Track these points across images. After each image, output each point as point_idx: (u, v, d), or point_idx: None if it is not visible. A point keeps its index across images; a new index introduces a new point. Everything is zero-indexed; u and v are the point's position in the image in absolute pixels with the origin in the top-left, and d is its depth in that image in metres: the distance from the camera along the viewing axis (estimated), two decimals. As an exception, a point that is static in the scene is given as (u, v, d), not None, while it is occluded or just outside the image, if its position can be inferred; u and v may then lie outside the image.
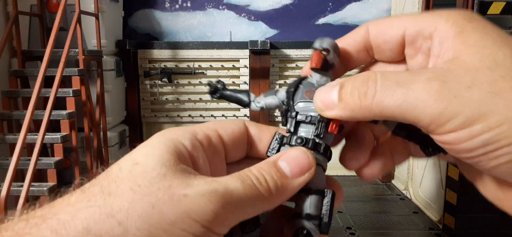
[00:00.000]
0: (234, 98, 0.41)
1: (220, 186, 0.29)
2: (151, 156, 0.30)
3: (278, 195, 0.32)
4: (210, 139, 0.35)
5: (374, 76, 0.31)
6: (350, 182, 4.18)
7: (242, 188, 0.30)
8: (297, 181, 0.33)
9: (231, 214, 0.30)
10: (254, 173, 0.32)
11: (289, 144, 0.36)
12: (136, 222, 0.27)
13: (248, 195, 0.30)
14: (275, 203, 0.32)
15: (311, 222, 0.34)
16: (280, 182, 0.32)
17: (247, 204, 0.30)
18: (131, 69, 4.28)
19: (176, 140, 0.32)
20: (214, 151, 0.35)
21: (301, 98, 0.37)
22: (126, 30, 4.42)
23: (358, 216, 3.38)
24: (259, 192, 0.31)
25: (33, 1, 3.59)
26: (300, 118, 0.36)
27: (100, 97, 3.55)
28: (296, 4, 4.47)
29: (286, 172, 0.33)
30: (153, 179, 0.29)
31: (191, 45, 4.33)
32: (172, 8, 4.48)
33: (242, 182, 0.31)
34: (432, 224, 3.23)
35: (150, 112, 4.50)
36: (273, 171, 0.32)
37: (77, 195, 0.29)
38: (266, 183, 0.31)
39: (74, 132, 3.11)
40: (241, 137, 0.37)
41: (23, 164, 2.73)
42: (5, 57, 3.36)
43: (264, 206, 0.32)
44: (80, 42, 3.20)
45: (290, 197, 0.34)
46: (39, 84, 2.73)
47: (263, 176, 0.32)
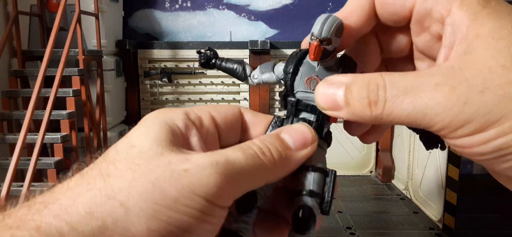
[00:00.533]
0: (229, 70, 0.39)
1: (220, 158, 0.29)
2: (145, 136, 0.30)
3: (282, 166, 0.32)
4: (202, 120, 0.34)
5: (382, 83, 0.30)
6: (350, 182, 4.18)
7: (244, 158, 0.30)
8: (301, 153, 0.33)
9: (234, 185, 0.29)
10: (256, 144, 0.31)
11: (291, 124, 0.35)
12: (138, 202, 0.27)
13: (250, 165, 0.30)
14: (279, 174, 0.32)
15: (313, 199, 0.33)
16: (284, 152, 0.32)
17: (251, 175, 0.30)
18: (131, 69, 4.28)
19: (170, 120, 0.32)
20: (207, 132, 0.34)
21: (301, 87, 0.36)
22: (126, 30, 4.42)
23: (358, 216, 3.38)
24: (263, 162, 0.30)
25: (33, 1, 3.59)
26: (300, 107, 0.36)
27: (100, 97, 3.55)
28: (296, 4, 4.47)
29: (290, 143, 0.32)
30: (151, 157, 0.28)
31: (191, 45, 4.33)
32: (172, 8, 4.48)
33: (244, 152, 0.30)
34: (432, 224, 3.23)
35: (150, 112, 4.49)
36: (277, 142, 0.32)
37: (76, 179, 0.29)
38: (270, 153, 0.31)
39: (74, 132, 3.11)
40: (235, 120, 0.36)
41: (23, 164, 2.73)
42: (5, 57, 3.36)
43: (268, 177, 0.31)
44: (80, 42, 3.20)
45: (293, 169, 0.33)
46: (39, 84, 2.73)
47: (266, 146, 0.31)
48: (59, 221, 0.26)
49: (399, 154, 4.13)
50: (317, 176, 0.34)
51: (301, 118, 0.35)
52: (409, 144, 3.81)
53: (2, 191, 2.50)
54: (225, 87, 4.44)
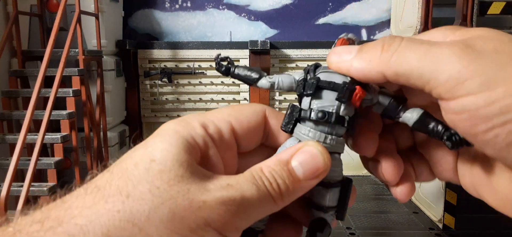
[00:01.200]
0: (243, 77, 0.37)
1: (237, 194, 0.29)
2: (168, 153, 0.29)
3: (288, 198, 0.31)
4: (222, 134, 0.33)
5: (400, 37, 0.30)
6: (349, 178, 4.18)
7: (257, 194, 0.30)
8: (309, 183, 0.32)
9: (244, 220, 0.30)
10: (267, 175, 0.31)
11: (309, 118, 0.33)
12: (158, 228, 0.27)
13: (261, 200, 0.30)
14: (283, 205, 0.32)
15: (329, 214, 0.35)
16: (292, 186, 0.31)
17: (259, 209, 0.30)
18: (131, 69, 4.28)
19: (188, 135, 0.31)
20: (226, 146, 0.33)
21: (323, 70, 0.34)
22: (126, 30, 4.43)
23: (358, 216, 3.38)
24: (271, 197, 0.30)
25: (33, 1, 3.59)
26: (322, 84, 0.33)
27: (100, 97, 3.55)
28: (296, 4, 4.47)
29: (299, 175, 0.31)
30: (172, 180, 0.28)
31: (191, 45, 4.33)
32: (172, 8, 4.48)
33: (258, 189, 0.30)
34: (432, 224, 3.24)
35: (150, 112, 4.50)
36: (286, 174, 0.31)
37: (92, 194, 0.28)
38: (278, 188, 0.31)
39: (74, 132, 3.11)
40: (258, 128, 0.35)
41: (23, 164, 2.73)
42: (5, 57, 3.36)
43: (273, 209, 0.31)
44: (80, 42, 3.20)
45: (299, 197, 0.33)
46: (39, 84, 2.74)
47: (275, 180, 0.31)
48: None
49: (399, 154, 4.13)
50: (332, 192, 0.34)
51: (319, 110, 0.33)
52: (409, 144, 3.80)
53: (2, 191, 2.50)
54: (225, 87, 4.44)
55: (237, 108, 0.35)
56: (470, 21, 3.07)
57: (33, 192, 2.75)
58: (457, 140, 0.30)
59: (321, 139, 0.33)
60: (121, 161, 0.30)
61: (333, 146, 0.33)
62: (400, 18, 4.22)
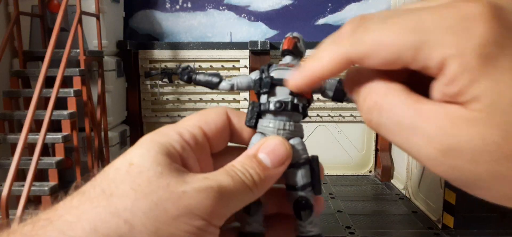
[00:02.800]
0: (204, 82, 0.42)
1: (214, 183, 0.32)
2: (145, 156, 0.32)
3: (262, 186, 0.35)
4: (196, 138, 0.36)
5: None
6: (349, 181, 4.20)
7: (233, 183, 0.33)
8: (278, 170, 0.35)
9: (225, 207, 0.32)
10: (239, 168, 0.34)
11: (268, 110, 0.37)
12: (142, 219, 0.28)
13: (237, 189, 0.33)
14: (260, 193, 0.35)
15: (305, 191, 0.38)
16: (263, 174, 0.34)
17: (237, 197, 0.33)
18: (132, 70, 4.29)
19: (166, 142, 0.33)
20: (201, 149, 0.36)
21: (276, 68, 0.39)
22: (127, 31, 4.44)
23: (357, 215, 3.39)
24: (246, 186, 0.33)
25: (34, 2, 3.61)
26: (275, 81, 0.38)
27: (101, 98, 3.56)
28: (295, 4, 4.48)
29: (267, 163, 0.35)
30: (151, 178, 0.30)
31: (192, 45, 4.34)
32: (172, 9, 4.49)
33: (232, 178, 0.33)
34: (431, 223, 3.25)
35: (151, 112, 4.51)
36: (255, 164, 0.34)
37: (78, 197, 0.30)
38: (251, 177, 0.34)
39: (75, 132, 3.12)
40: (224, 128, 0.38)
41: (24, 164, 2.74)
42: (6, 57, 3.38)
43: (251, 197, 0.34)
44: (81, 43, 3.21)
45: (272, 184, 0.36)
46: (41, 85, 2.75)
47: (247, 171, 0.34)
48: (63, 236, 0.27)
49: (398, 154, 4.14)
50: (302, 170, 0.38)
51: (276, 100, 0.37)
52: (409, 144, 3.81)
53: (4, 190, 2.51)
54: (225, 88, 4.45)
55: (203, 113, 0.38)
56: (469, 22, 3.08)
57: (34, 192, 2.76)
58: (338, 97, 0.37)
59: (281, 126, 0.38)
60: (103, 170, 0.32)
61: (293, 132, 0.38)
62: (400, 19, 4.23)
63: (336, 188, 3.97)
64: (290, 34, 0.41)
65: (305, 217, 0.38)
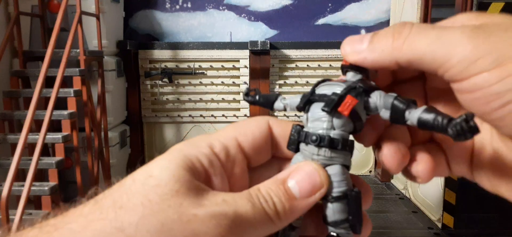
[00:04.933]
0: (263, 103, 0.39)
1: (230, 209, 0.29)
2: (166, 170, 0.30)
3: (285, 218, 0.31)
4: (228, 151, 0.33)
5: (411, 23, 0.31)
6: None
7: (252, 211, 0.30)
8: (307, 201, 0.32)
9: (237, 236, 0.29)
10: (263, 194, 0.31)
11: (305, 141, 0.33)
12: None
13: (256, 218, 0.30)
14: (282, 225, 0.32)
15: (340, 227, 0.33)
16: (288, 204, 0.31)
17: (255, 227, 0.30)
18: (132, 70, 4.29)
19: (193, 155, 0.31)
20: (233, 163, 0.33)
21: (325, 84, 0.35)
22: (127, 31, 4.44)
23: (358, 215, 3.39)
24: (267, 215, 0.30)
25: (34, 2, 3.61)
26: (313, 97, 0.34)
27: (101, 98, 3.56)
28: (295, 4, 4.48)
29: (295, 193, 0.32)
30: (165, 195, 0.28)
31: (192, 45, 4.34)
32: (172, 9, 4.49)
33: (253, 205, 0.30)
34: (431, 223, 3.25)
35: (151, 112, 4.51)
36: (282, 192, 0.31)
37: (90, 206, 0.29)
38: (274, 206, 0.31)
39: (75, 132, 3.12)
40: (263, 140, 0.35)
41: (24, 164, 2.74)
42: (6, 57, 3.38)
43: (270, 229, 0.31)
44: (81, 43, 3.21)
45: (301, 214, 0.32)
46: (41, 85, 2.75)
47: (271, 198, 0.31)
48: None
49: (399, 154, 4.13)
50: (336, 205, 0.33)
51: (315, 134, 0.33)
52: (409, 144, 3.81)
53: (4, 190, 2.51)
54: (225, 88, 4.45)
55: (241, 124, 0.35)
56: (469, 22, 3.08)
57: (34, 192, 2.76)
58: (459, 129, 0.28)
59: (315, 151, 0.33)
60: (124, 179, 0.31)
61: (331, 158, 0.33)
62: (400, 19, 4.23)
63: (336, 188, 3.96)
64: None
65: None
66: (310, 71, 4.41)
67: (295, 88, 4.47)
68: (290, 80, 4.45)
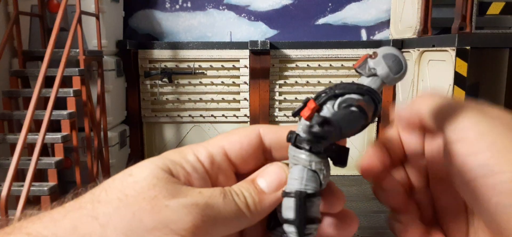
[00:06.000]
0: None
1: (202, 200, 0.30)
2: (145, 169, 0.31)
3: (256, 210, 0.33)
4: (213, 158, 0.34)
5: None
6: (349, 181, 4.19)
7: (223, 203, 0.31)
8: (275, 195, 0.34)
9: (211, 227, 0.30)
10: (234, 190, 0.33)
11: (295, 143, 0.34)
12: (115, 225, 0.29)
13: (227, 209, 0.31)
14: (254, 218, 0.33)
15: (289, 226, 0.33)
16: (258, 197, 0.33)
17: (227, 219, 0.31)
18: (131, 70, 4.29)
19: (175, 160, 0.33)
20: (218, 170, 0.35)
21: None
22: (127, 31, 4.44)
23: (358, 216, 3.36)
24: (238, 208, 0.32)
25: (33, 2, 3.60)
26: None
27: (101, 97, 3.56)
28: (296, 4, 4.48)
29: (263, 187, 0.34)
30: (141, 189, 0.30)
31: (191, 45, 4.34)
32: (172, 9, 4.49)
33: (224, 197, 0.32)
34: (432, 223, 3.25)
35: (151, 112, 4.51)
36: (252, 188, 0.34)
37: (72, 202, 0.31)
38: (245, 199, 0.33)
39: (74, 132, 3.12)
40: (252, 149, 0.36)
41: (23, 164, 2.74)
42: (6, 57, 3.37)
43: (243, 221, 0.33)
44: (80, 43, 3.21)
45: (270, 210, 0.34)
46: (40, 84, 2.74)
47: (242, 193, 0.33)
48: (47, 231, 0.29)
49: (399, 154, 4.13)
50: (284, 201, 0.33)
51: None
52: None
53: (3, 190, 2.51)
54: (225, 88, 4.44)
55: (230, 133, 0.37)
56: (469, 22, 3.08)
57: (34, 192, 2.76)
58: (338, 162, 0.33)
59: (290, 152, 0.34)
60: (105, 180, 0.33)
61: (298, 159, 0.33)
62: (400, 19, 4.23)
63: (336, 188, 3.97)
64: None
65: None
66: (310, 71, 4.40)
67: (295, 88, 4.46)
68: (290, 80, 4.45)
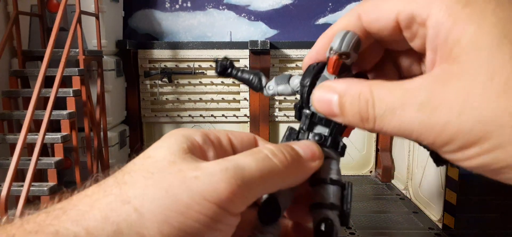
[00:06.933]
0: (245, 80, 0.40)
1: (230, 164, 0.29)
2: (160, 148, 0.31)
3: (293, 169, 0.32)
4: (221, 141, 0.35)
5: (371, 99, 0.30)
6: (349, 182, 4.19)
7: (255, 162, 0.30)
8: (310, 164, 0.34)
9: (246, 190, 0.29)
10: (268, 147, 0.32)
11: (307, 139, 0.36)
12: (151, 207, 0.27)
13: (261, 168, 0.30)
14: (290, 179, 0.33)
15: (334, 212, 0.34)
16: (296, 156, 0.33)
17: (262, 178, 0.30)
18: (131, 69, 4.28)
19: (188, 135, 0.33)
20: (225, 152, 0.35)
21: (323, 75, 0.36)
22: (127, 30, 4.43)
23: (358, 216, 3.38)
24: (274, 164, 0.31)
25: (33, 1, 3.60)
26: (315, 119, 0.35)
27: (101, 97, 3.55)
28: (296, 4, 4.47)
29: (300, 153, 0.33)
30: (164, 166, 0.29)
31: (191, 45, 4.33)
32: (172, 8, 4.48)
33: (254, 157, 0.31)
34: (432, 223, 3.24)
35: (150, 112, 4.50)
36: (289, 148, 0.33)
37: (93, 188, 0.30)
38: (283, 155, 0.32)
39: (74, 132, 3.12)
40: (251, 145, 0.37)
41: (23, 164, 2.73)
42: (5, 57, 3.37)
43: (279, 181, 0.32)
44: (80, 42, 3.20)
45: (304, 179, 0.34)
46: (40, 84, 2.74)
47: (279, 149, 0.32)
48: (76, 226, 0.27)
49: (399, 154, 4.13)
50: (335, 189, 0.35)
51: (315, 133, 0.36)
52: (409, 144, 3.81)
53: (3, 191, 2.50)
54: (225, 87, 4.44)
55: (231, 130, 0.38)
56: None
57: (34, 192, 2.75)
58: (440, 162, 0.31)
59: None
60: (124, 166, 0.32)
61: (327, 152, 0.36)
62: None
63: (336, 188, 3.96)
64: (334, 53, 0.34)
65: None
66: (310, 71, 4.39)
67: (295, 88, 4.45)
68: (290, 80, 4.44)
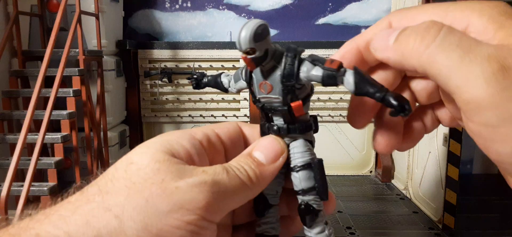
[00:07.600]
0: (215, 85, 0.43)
1: (208, 177, 0.31)
2: (145, 154, 0.32)
3: (258, 182, 0.35)
4: (209, 138, 0.37)
5: (440, 26, 0.28)
6: (350, 182, 4.19)
7: (228, 178, 0.33)
8: (274, 166, 0.36)
9: (220, 202, 0.32)
10: (234, 165, 0.34)
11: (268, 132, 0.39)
12: (131, 214, 0.29)
13: (232, 184, 0.33)
14: (257, 189, 0.35)
15: (308, 195, 0.37)
16: (258, 169, 0.35)
17: (233, 192, 0.33)
18: (131, 69, 4.28)
19: (172, 140, 0.34)
20: (214, 149, 0.37)
21: (260, 93, 0.38)
22: (127, 30, 4.43)
23: (358, 215, 3.38)
24: (242, 181, 0.33)
25: (33, 1, 3.60)
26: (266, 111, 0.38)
27: (101, 97, 3.55)
28: (296, 4, 4.47)
29: (262, 160, 0.36)
30: (147, 175, 0.30)
31: (191, 45, 4.33)
32: (172, 8, 4.48)
33: (228, 173, 0.33)
34: (432, 223, 3.24)
35: (150, 112, 4.50)
36: (250, 161, 0.35)
37: (76, 195, 0.31)
38: (246, 172, 0.34)
39: (74, 132, 3.11)
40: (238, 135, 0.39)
41: (23, 164, 2.73)
42: (5, 57, 3.37)
43: (248, 193, 0.34)
44: (80, 42, 3.20)
45: (271, 179, 0.36)
46: (40, 84, 2.74)
47: (242, 167, 0.34)
48: (57, 230, 0.28)
49: (399, 154, 4.13)
50: (302, 174, 0.37)
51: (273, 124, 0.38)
52: (409, 144, 3.80)
53: (3, 191, 2.50)
54: (225, 88, 4.44)
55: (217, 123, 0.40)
56: (470, 21, 3.07)
57: (34, 192, 2.75)
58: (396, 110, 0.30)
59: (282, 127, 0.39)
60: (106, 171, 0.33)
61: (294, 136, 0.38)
62: (400, 18, 4.22)
63: (336, 188, 3.96)
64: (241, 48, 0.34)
65: (308, 222, 0.37)
66: (310, 71, 4.39)
67: (295, 88, 4.45)
68: (290, 80, 4.44)
